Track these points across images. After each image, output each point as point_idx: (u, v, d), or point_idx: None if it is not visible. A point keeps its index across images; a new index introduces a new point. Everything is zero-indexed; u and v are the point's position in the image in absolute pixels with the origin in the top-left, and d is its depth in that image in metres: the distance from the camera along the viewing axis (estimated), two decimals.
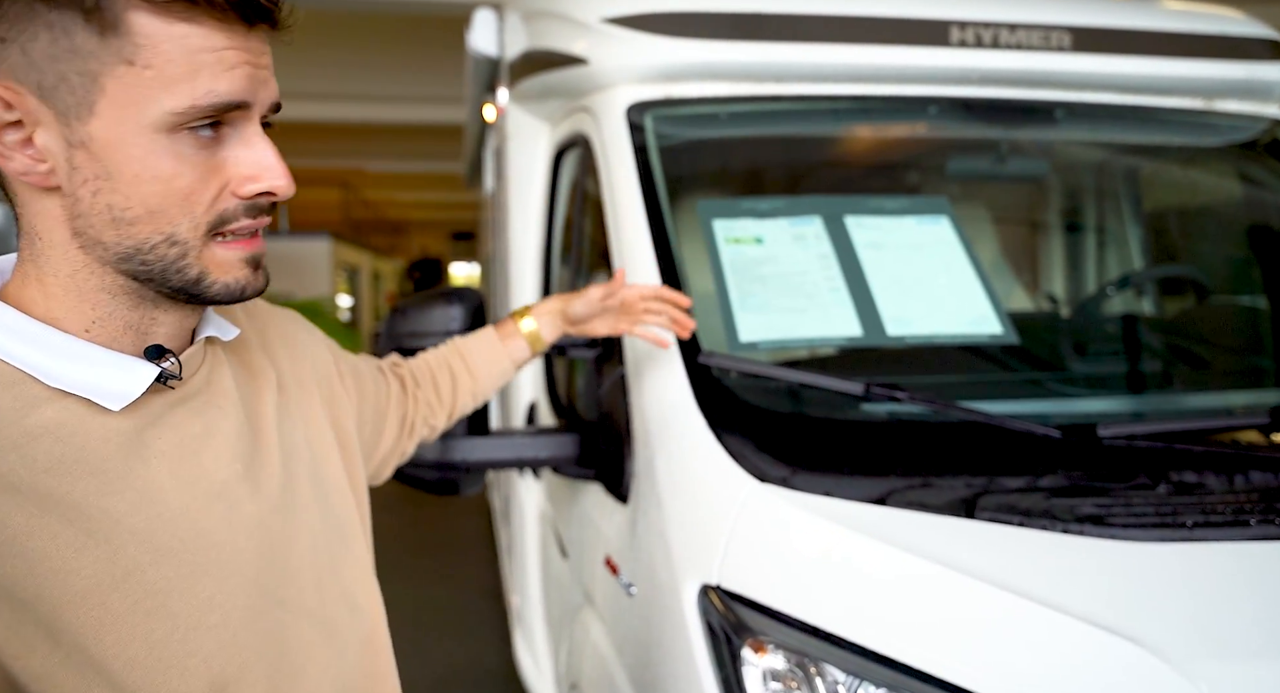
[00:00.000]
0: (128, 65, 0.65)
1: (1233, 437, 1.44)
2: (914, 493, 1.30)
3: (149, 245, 0.69)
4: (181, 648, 0.70)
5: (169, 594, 0.70)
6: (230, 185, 0.71)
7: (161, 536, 0.70)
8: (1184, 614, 1.09)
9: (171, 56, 0.66)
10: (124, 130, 0.66)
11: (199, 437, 0.76)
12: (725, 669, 1.19)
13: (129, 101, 0.66)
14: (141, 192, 0.68)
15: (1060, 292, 2.69)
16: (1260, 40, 2.13)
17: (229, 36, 0.68)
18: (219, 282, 0.73)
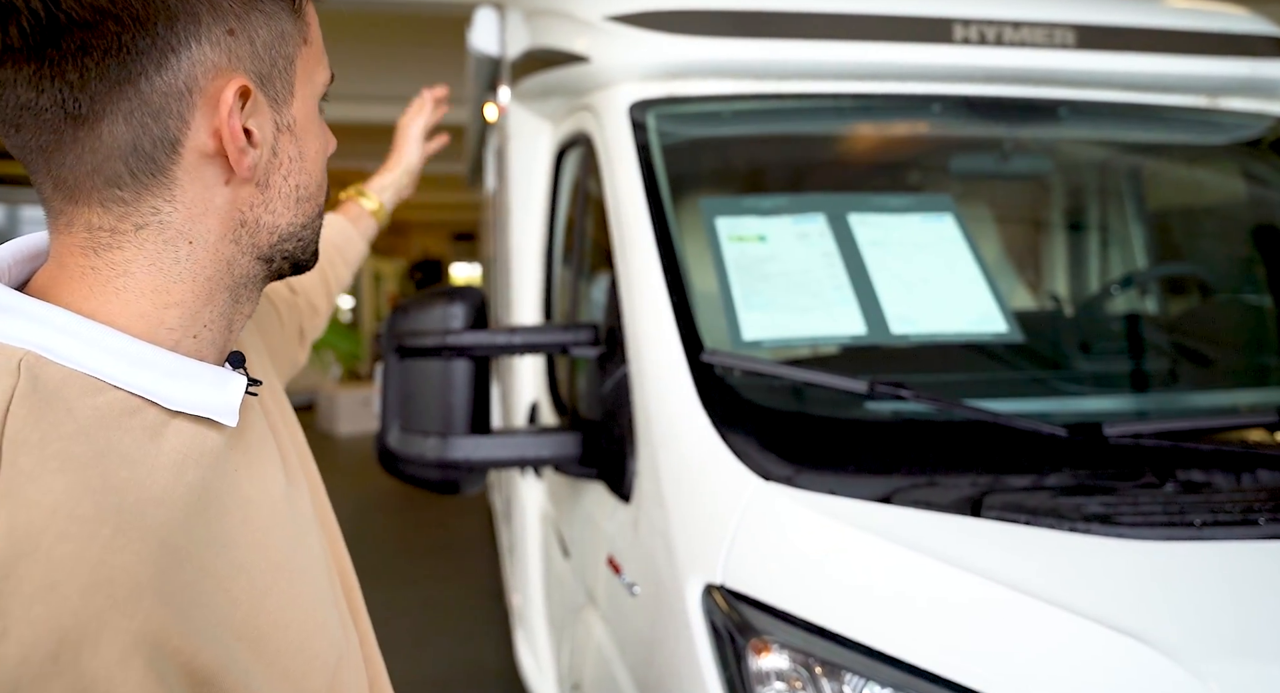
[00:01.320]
0: (305, 44, 0.67)
1: (1240, 435, 1.43)
2: (919, 492, 1.29)
3: (298, 227, 0.69)
4: (308, 640, 0.67)
5: (291, 605, 0.67)
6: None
7: (272, 553, 0.67)
8: (1193, 614, 1.08)
9: (317, 32, 0.69)
10: (308, 107, 0.68)
11: (264, 452, 0.72)
12: (729, 669, 1.18)
13: (307, 79, 0.68)
14: (316, 166, 0.70)
15: (1064, 290, 2.68)
16: (1265, 37, 2.12)
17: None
18: (313, 255, 0.73)
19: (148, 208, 0.62)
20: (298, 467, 0.80)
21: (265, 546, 0.66)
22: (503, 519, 3.97)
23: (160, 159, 0.61)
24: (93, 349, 0.59)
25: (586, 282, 2.25)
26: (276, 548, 0.68)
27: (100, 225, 0.62)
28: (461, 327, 1.60)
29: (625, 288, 1.66)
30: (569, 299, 2.34)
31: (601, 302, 1.95)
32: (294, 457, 0.80)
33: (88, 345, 0.59)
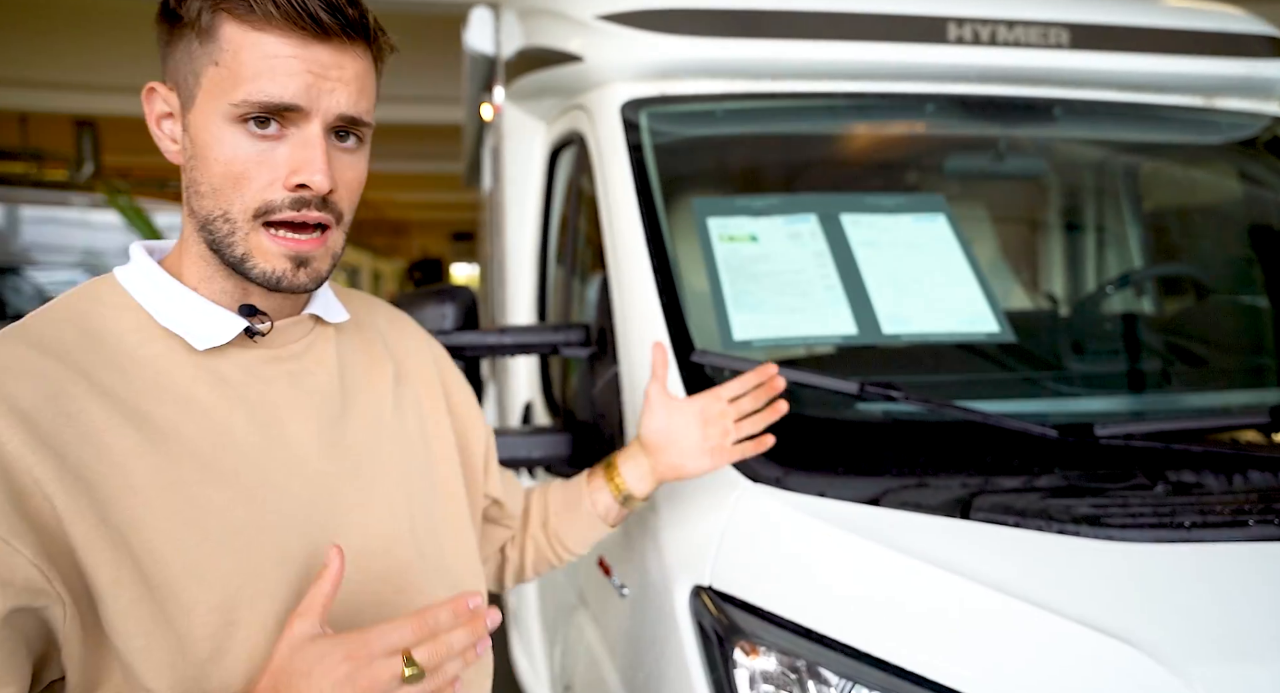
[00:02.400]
0: (214, 66, 0.80)
1: (1232, 436, 1.42)
2: (909, 493, 1.28)
3: (210, 218, 0.83)
4: (204, 560, 0.79)
5: (207, 512, 0.80)
6: (280, 178, 0.82)
7: (220, 462, 0.82)
8: (1180, 616, 1.08)
9: (244, 60, 0.79)
10: (206, 118, 0.81)
11: (283, 393, 0.89)
12: (717, 671, 1.18)
13: (211, 95, 0.81)
14: (210, 171, 0.82)
15: (1059, 291, 2.67)
16: (1260, 37, 2.12)
17: (296, 47, 0.80)
18: (258, 266, 0.84)
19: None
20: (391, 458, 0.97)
21: (214, 456, 0.82)
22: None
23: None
24: (137, 271, 0.88)
25: (580, 282, 2.25)
26: (231, 464, 0.83)
27: None
28: (452, 327, 1.60)
29: (616, 288, 1.66)
30: (563, 299, 2.33)
31: (594, 302, 1.94)
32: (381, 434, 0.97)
33: (135, 268, 0.88)
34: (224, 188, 0.81)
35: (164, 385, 0.82)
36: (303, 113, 0.81)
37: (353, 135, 0.86)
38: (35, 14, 7.85)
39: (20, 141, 9.69)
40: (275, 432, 0.87)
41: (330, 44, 0.81)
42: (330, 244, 0.87)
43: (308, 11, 0.78)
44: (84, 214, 8.16)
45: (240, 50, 0.79)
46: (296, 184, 0.81)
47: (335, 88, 0.81)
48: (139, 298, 0.85)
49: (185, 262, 0.88)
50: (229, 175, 0.81)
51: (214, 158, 0.81)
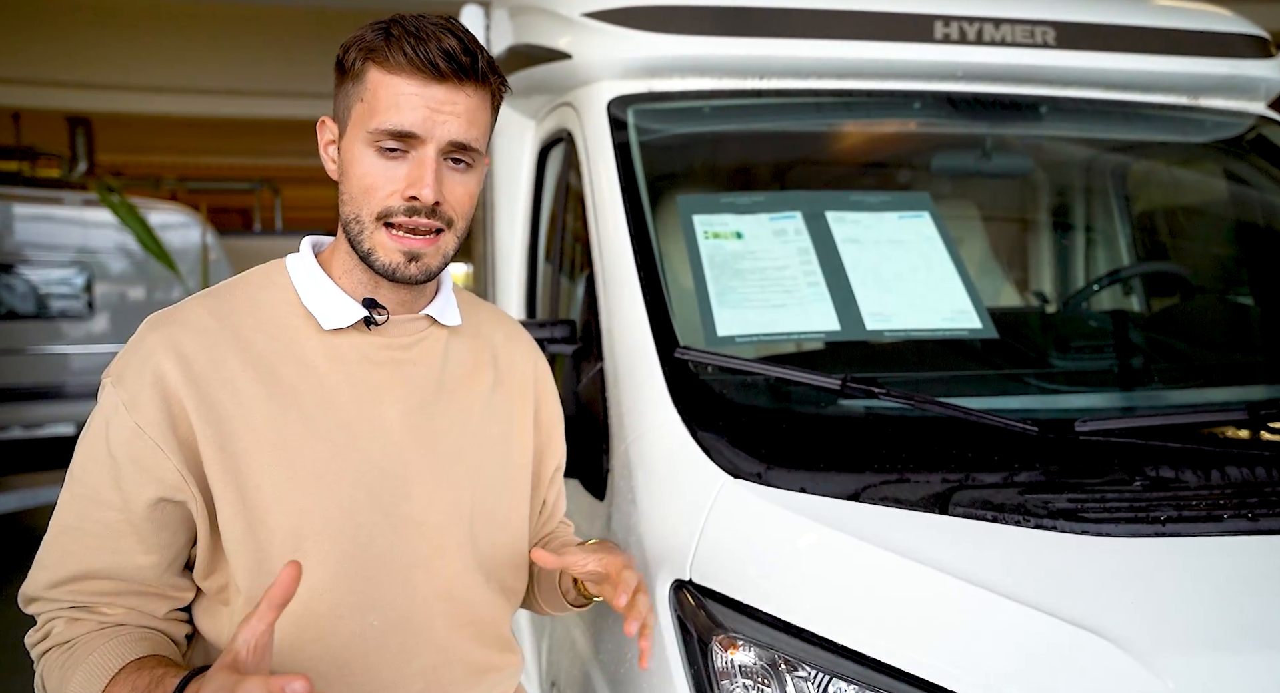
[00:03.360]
0: (360, 102, 1.02)
1: (1210, 432, 1.43)
2: (889, 489, 1.29)
3: (349, 220, 1.05)
4: (287, 494, 1.00)
5: (300, 457, 1.02)
6: (399, 190, 1.01)
7: (320, 420, 1.04)
8: (1153, 609, 1.08)
9: (380, 97, 1.00)
10: (352, 143, 1.04)
11: (386, 376, 1.09)
12: (696, 665, 1.19)
13: (357, 124, 1.03)
14: (350, 183, 1.04)
15: (1049, 290, 2.68)
16: (1245, 37, 2.13)
17: (419, 86, 1.00)
18: (379, 259, 1.04)
19: None
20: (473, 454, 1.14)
21: (316, 412, 1.03)
22: None
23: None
24: (299, 260, 1.12)
25: (569, 279, 2.25)
26: (326, 423, 1.04)
27: None
28: None
29: (601, 284, 1.66)
30: (551, 296, 2.34)
31: (582, 298, 1.94)
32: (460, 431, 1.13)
33: (298, 257, 1.12)
34: (359, 196, 1.03)
35: (293, 351, 1.05)
36: (419, 139, 1.01)
37: (464, 160, 1.05)
38: (29, 11, 7.84)
39: (13, 139, 9.67)
40: (370, 405, 1.06)
41: (446, 85, 1.00)
42: (442, 245, 1.06)
43: (429, 60, 0.99)
44: (78, 212, 8.14)
45: (378, 89, 1.00)
46: (410, 196, 1.01)
47: (448, 120, 1.01)
48: (294, 280, 1.09)
49: (335, 257, 1.10)
50: (362, 186, 1.03)
51: (353, 172, 1.03)
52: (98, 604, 1.01)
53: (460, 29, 1.02)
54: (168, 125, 9.70)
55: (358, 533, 1.03)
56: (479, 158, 1.07)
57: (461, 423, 1.14)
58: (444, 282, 1.18)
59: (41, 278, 7.91)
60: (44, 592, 1.01)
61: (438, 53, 0.99)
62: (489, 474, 1.16)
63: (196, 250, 8.27)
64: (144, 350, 1.01)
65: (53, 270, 7.97)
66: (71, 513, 1.01)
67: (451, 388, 1.14)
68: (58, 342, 7.67)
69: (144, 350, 1.01)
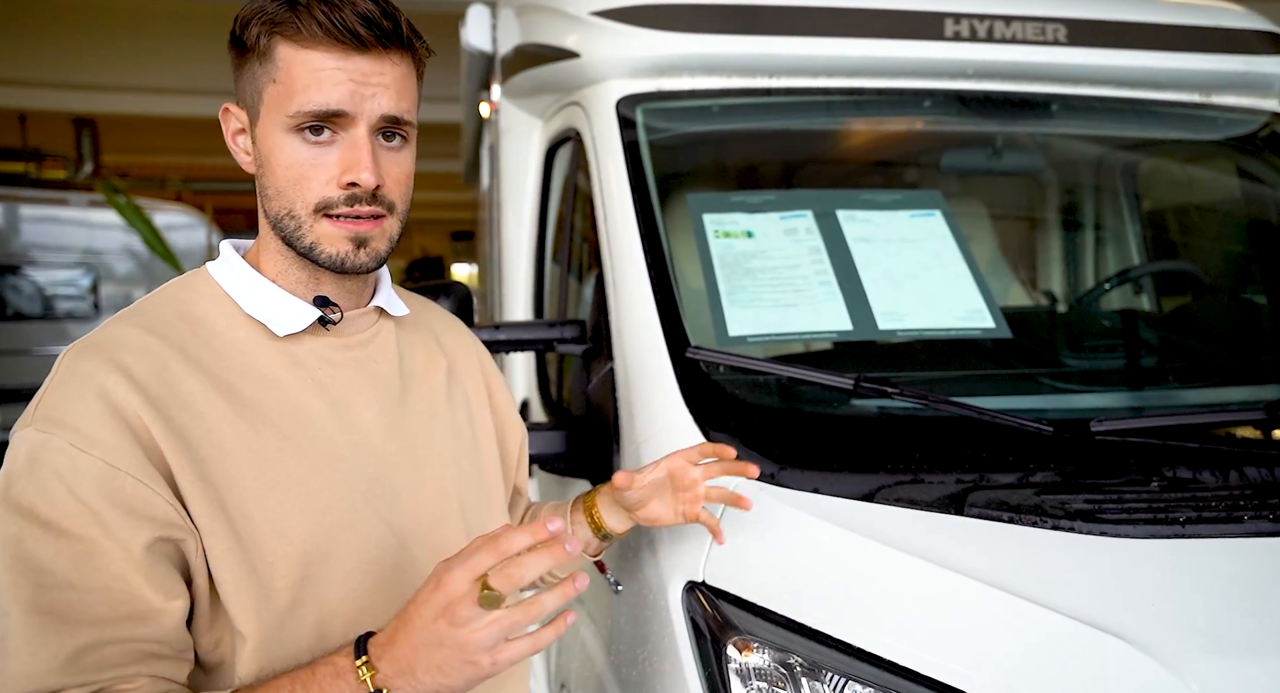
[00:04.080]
0: (273, 83, 0.91)
1: (1228, 432, 1.42)
2: (903, 489, 1.28)
3: (279, 216, 0.94)
4: (284, 519, 0.90)
5: (287, 477, 0.92)
6: (334, 177, 0.92)
7: (297, 434, 0.94)
8: (1174, 611, 1.07)
9: (296, 75, 0.90)
10: (269, 130, 0.93)
11: (351, 378, 1.00)
12: (710, 667, 1.17)
13: (272, 109, 0.92)
14: (275, 176, 0.94)
15: (1056, 287, 2.67)
16: (1258, 33, 2.11)
17: (339, 59, 0.90)
18: (325, 251, 0.94)
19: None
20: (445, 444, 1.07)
21: (292, 429, 0.93)
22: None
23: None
24: (226, 266, 1.00)
25: (577, 279, 2.24)
26: (306, 438, 0.94)
27: None
28: None
29: (611, 284, 1.65)
30: (559, 296, 2.33)
31: (590, 298, 1.93)
32: (431, 425, 1.06)
33: (225, 263, 1.00)
34: (287, 189, 0.93)
35: (248, 365, 0.94)
36: (349, 118, 0.91)
37: (398, 135, 0.96)
38: (35, 13, 7.85)
39: (19, 140, 9.69)
40: (343, 411, 0.98)
41: (369, 54, 0.91)
42: (386, 228, 0.97)
43: (347, 28, 0.88)
44: (83, 213, 8.16)
45: (292, 66, 0.90)
46: (348, 183, 0.92)
47: (376, 92, 0.91)
48: (227, 288, 0.98)
49: (264, 257, 1.00)
50: (290, 178, 0.93)
51: (277, 164, 0.93)
52: (113, 681, 0.83)
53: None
54: (173, 126, 9.70)
55: (363, 548, 0.95)
56: (412, 132, 0.97)
57: (430, 416, 1.07)
58: (382, 272, 1.08)
59: (47, 279, 7.93)
60: (45, 682, 0.80)
61: (355, 19, 0.88)
62: (468, 464, 1.11)
63: (202, 251, 8.29)
64: (81, 381, 0.86)
65: (59, 271, 7.99)
66: (59, 574, 0.81)
67: (414, 381, 1.07)
68: (64, 342, 7.65)
69: (81, 381, 0.86)
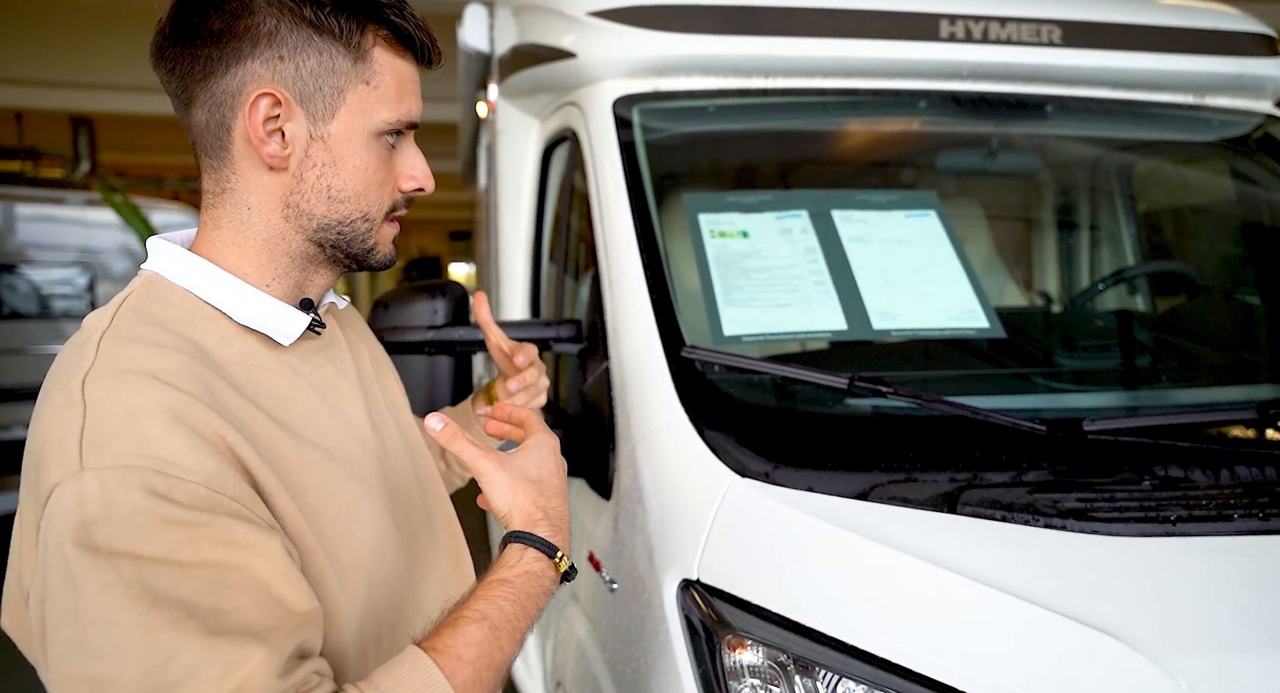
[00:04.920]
0: (365, 85, 0.88)
1: (1219, 431, 1.43)
2: (897, 488, 1.28)
3: (350, 219, 0.91)
4: (344, 531, 0.88)
5: (337, 487, 0.89)
6: (398, 182, 0.93)
7: (324, 445, 0.90)
8: (1165, 609, 1.08)
9: (392, 83, 0.89)
10: (352, 131, 0.89)
11: (335, 377, 0.98)
12: (704, 664, 1.18)
13: (359, 110, 0.88)
14: (354, 178, 0.90)
15: (1055, 289, 2.68)
16: (1252, 35, 2.12)
17: (419, 72, 0.92)
18: (381, 252, 0.95)
19: (225, 176, 0.89)
20: (386, 417, 1.04)
21: (317, 438, 0.89)
22: (492, 517, 3.96)
23: (223, 138, 0.88)
24: (193, 272, 0.88)
25: (574, 278, 2.25)
26: (330, 445, 0.90)
27: (208, 188, 0.91)
28: (443, 322, 1.60)
29: (607, 283, 1.66)
30: (556, 296, 2.33)
31: (586, 298, 1.94)
32: (384, 410, 1.04)
33: (189, 268, 0.88)
34: (368, 192, 0.91)
35: (256, 381, 0.87)
36: (416, 127, 0.94)
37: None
38: (31, 11, 7.84)
39: (16, 139, 9.67)
40: (340, 413, 0.96)
41: (419, 68, 0.94)
42: None
43: (433, 47, 0.92)
44: (80, 212, 8.15)
45: (389, 73, 0.89)
46: (414, 188, 0.94)
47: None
48: (208, 298, 0.88)
49: (236, 257, 0.90)
50: (374, 182, 0.91)
51: (361, 168, 0.90)
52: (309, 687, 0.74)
53: None
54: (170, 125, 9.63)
55: (382, 545, 0.93)
56: None
57: (380, 397, 1.06)
58: None
59: (44, 278, 7.91)
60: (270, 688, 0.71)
61: (426, 37, 0.91)
62: (411, 443, 1.08)
63: None
64: (137, 410, 0.75)
65: (56, 270, 7.98)
66: (203, 604, 0.71)
67: (361, 370, 1.05)
68: (60, 341, 7.65)
69: (137, 410, 0.75)
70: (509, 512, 0.91)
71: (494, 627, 0.83)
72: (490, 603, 0.84)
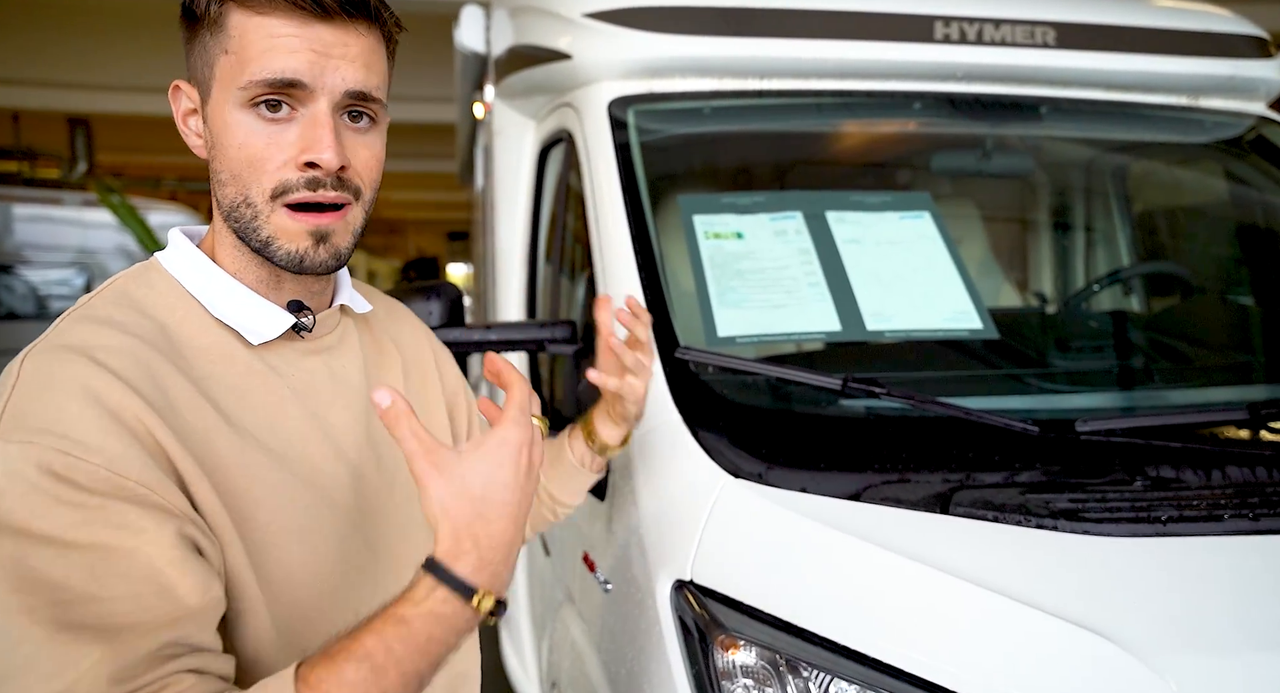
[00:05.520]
0: (224, 54, 0.83)
1: (1211, 432, 1.43)
2: (889, 489, 1.29)
3: (234, 205, 0.85)
4: (277, 537, 0.84)
5: (276, 491, 0.85)
6: (292, 158, 0.83)
7: (280, 448, 0.87)
8: (1155, 609, 1.08)
9: (249, 43, 0.81)
10: (220, 106, 0.84)
11: (324, 384, 0.94)
12: (697, 665, 1.18)
13: (224, 83, 0.83)
14: (228, 157, 0.84)
15: (1049, 290, 2.68)
16: (1245, 37, 2.13)
17: (298, 26, 0.81)
18: (282, 247, 0.85)
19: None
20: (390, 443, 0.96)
21: (272, 440, 0.86)
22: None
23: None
24: (186, 262, 0.89)
25: (569, 279, 2.25)
26: (287, 449, 0.87)
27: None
28: (438, 323, 1.60)
29: (602, 284, 1.66)
30: (551, 297, 2.34)
31: (582, 299, 1.94)
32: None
33: (184, 258, 0.89)
34: (242, 173, 0.84)
35: (220, 375, 0.85)
36: (309, 91, 0.82)
37: (365, 114, 0.87)
38: (28, 12, 7.84)
39: (13, 140, 9.67)
40: (319, 421, 0.91)
41: (333, 23, 0.82)
42: (350, 220, 0.88)
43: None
44: (77, 212, 8.15)
45: (245, 34, 0.81)
46: (306, 163, 0.83)
47: (340, 65, 0.83)
48: (191, 288, 0.88)
49: (220, 251, 0.90)
50: (244, 159, 0.83)
51: (229, 144, 0.83)
52: (163, 691, 0.71)
53: None
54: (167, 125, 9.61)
55: (347, 569, 0.90)
56: (381, 112, 0.89)
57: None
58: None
59: (41, 278, 7.91)
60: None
61: None
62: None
63: None
64: (60, 386, 0.75)
65: (52, 271, 7.98)
66: (76, 588, 0.70)
67: (375, 379, 1.01)
68: None
69: (60, 386, 0.75)
70: (437, 531, 0.77)
71: (377, 669, 0.72)
72: (380, 641, 0.73)
